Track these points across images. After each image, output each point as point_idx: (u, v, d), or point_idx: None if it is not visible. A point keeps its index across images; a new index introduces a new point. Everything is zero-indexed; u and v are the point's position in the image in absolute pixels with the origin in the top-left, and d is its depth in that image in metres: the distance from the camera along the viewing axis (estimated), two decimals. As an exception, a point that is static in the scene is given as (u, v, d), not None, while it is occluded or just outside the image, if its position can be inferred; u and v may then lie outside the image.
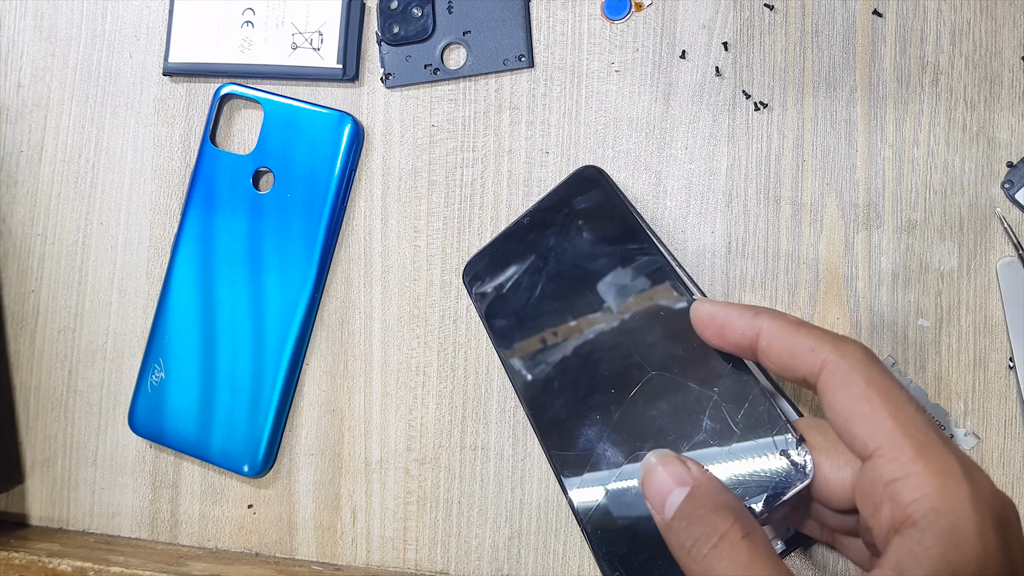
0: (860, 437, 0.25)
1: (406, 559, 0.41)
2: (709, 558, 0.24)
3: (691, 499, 0.26)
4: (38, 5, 0.48)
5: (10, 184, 0.48)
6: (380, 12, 0.42)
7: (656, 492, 0.27)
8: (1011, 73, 0.37)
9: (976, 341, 0.36)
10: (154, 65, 0.46)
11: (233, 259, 0.43)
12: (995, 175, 0.37)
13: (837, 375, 0.26)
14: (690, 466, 0.27)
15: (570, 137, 0.41)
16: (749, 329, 0.28)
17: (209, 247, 0.43)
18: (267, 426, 0.42)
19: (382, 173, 0.43)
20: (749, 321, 0.28)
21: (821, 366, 0.26)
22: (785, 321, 0.28)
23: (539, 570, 0.40)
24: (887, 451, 0.24)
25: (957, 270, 0.37)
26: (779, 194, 0.38)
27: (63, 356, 0.47)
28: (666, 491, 0.26)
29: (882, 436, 0.24)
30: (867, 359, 0.26)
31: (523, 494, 0.40)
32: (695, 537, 0.25)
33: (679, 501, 0.26)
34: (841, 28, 0.38)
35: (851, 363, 0.26)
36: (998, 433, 0.36)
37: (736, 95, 0.39)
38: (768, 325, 0.28)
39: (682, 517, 0.26)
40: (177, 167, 0.46)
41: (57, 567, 0.42)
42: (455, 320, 0.42)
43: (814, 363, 0.26)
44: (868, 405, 0.25)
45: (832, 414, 0.26)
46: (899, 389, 0.25)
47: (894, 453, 0.24)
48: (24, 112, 0.48)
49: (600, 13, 0.41)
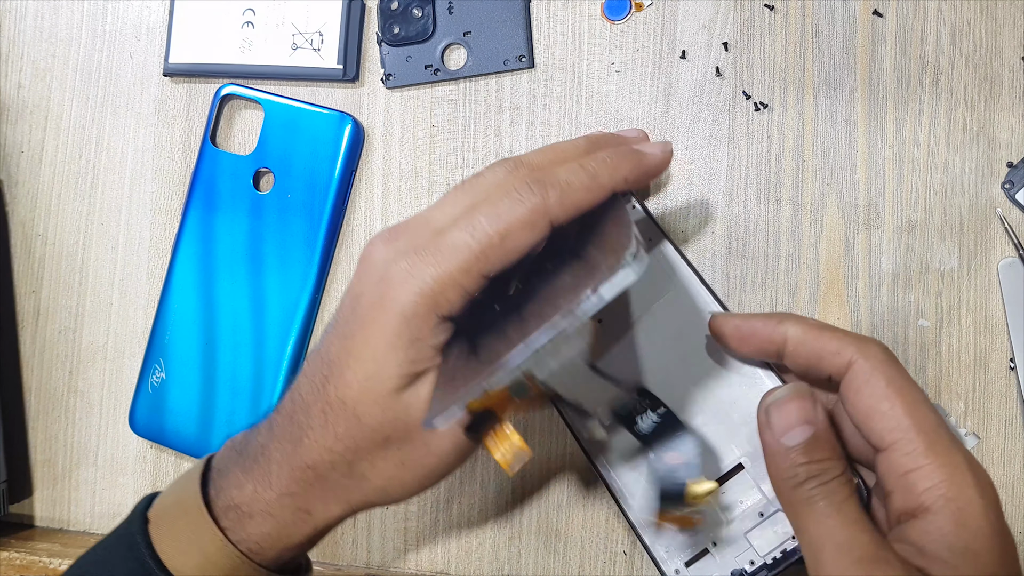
0: (878, 431, 0.28)
1: (406, 559, 0.41)
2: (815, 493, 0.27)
3: (815, 439, 0.28)
4: (38, 5, 0.48)
5: (10, 184, 0.48)
6: (380, 12, 0.42)
7: (783, 421, 0.28)
8: (1011, 73, 0.37)
9: (976, 341, 0.36)
10: (154, 65, 0.46)
11: (234, 259, 0.43)
12: (995, 175, 0.37)
13: (861, 374, 0.28)
14: (819, 410, 0.29)
15: (570, 137, 0.41)
16: (776, 335, 0.30)
17: (210, 248, 0.43)
18: (267, 426, 0.42)
19: (382, 173, 0.43)
20: (774, 328, 0.31)
21: (847, 366, 0.29)
22: (810, 325, 0.30)
23: (539, 570, 0.40)
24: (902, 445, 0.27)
25: (957, 270, 0.37)
26: (779, 194, 0.38)
27: (64, 357, 0.47)
28: (792, 423, 0.28)
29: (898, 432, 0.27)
30: (889, 360, 0.29)
31: (523, 494, 0.40)
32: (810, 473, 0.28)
33: (803, 437, 0.28)
34: (841, 28, 0.38)
35: (874, 363, 0.28)
36: (998, 433, 0.36)
37: (736, 95, 0.39)
38: (794, 331, 0.30)
39: (801, 452, 0.28)
40: (177, 167, 0.46)
41: (58, 568, 0.43)
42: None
43: (840, 364, 0.29)
44: (888, 403, 0.28)
45: (853, 410, 0.28)
46: (916, 389, 0.28)
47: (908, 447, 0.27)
48: (24, 112, 0.48)
49: (600, 13, 0.41)
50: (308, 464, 0.29)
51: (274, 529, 0.30)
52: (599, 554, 0.39)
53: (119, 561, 0.31)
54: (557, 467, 0.40)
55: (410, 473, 0.29)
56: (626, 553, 0.39)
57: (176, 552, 0.30)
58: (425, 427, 0.27)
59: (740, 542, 0.32)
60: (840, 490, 0.27)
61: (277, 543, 0.30)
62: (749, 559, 0.31)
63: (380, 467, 0.29)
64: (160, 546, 0.30)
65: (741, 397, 0.32)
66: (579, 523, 0.40)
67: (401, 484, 0.30)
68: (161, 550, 0.30)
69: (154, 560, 0.30)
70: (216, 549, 0.30)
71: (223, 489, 0.31)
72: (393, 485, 0.30)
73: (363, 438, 0.29)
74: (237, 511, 0.30)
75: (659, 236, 0.35)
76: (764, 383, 0.32)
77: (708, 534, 0.32)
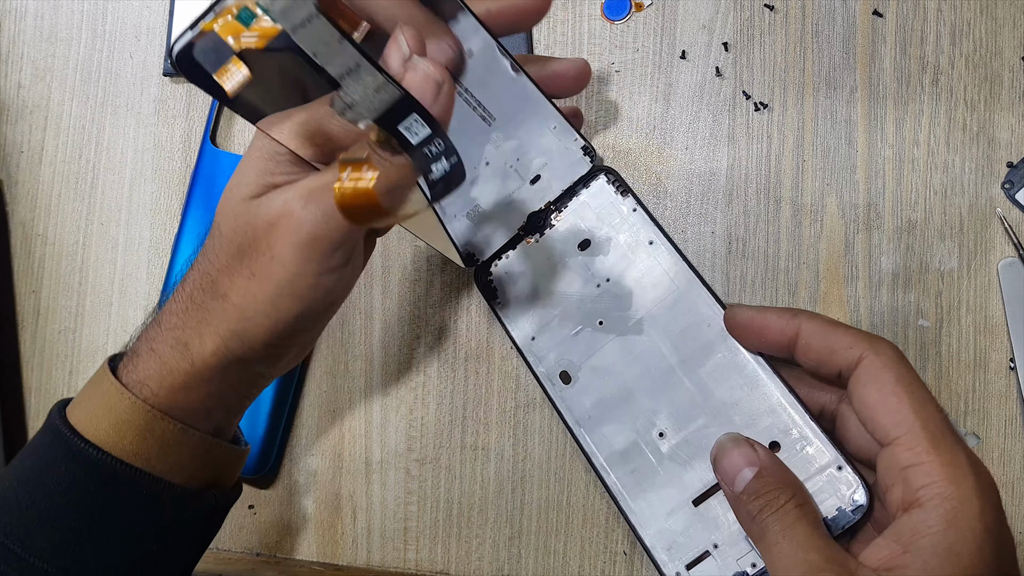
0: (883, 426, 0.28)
1: (406, 559, 0.41)
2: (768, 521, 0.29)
3: (759, 478, 0.30)
4: (38, 5, 0.48)
5: (10, 184, 0.48)
6: (380, 12, 0.42)
7: (728, 470, 0.30)
8: (1011, 73, 0.37)
9: (976, 341, 0.36)
10: (154, 65, 0.46)
11: (233, 259, 0.43)
12: (995, 175, 0.37)
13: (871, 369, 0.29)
14: (758, 449, 0.30)
15: (570, 137, 0.41)
16: (788, 329, 0.31)
17: (209, 247, 0.43)
18: (267, 427, 0.42)
19: (382, 173, 0.43)
20: (788, 322, 0.31)
21: (857, 361, 0.29)
22: (823, 321, 0.30)
23: (539, 570, 0.40)
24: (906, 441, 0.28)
25: (957, 270, 0.37)
26: (779, 194, 0.38)
27: (64, 357, 0.47)
28: (737, 470, 0.30)
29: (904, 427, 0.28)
30: (898, 358, 0.29)
31: (523, 494, 0.40)
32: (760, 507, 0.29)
33: (748, 479, 0.30)
34: (841, 28, 0.38)
35: (884, 360, 0.29)
36: (998, 433, 0.36)
37: (736, 95, 0.39)
38: (807, 325, 0.30)
39: (750, 493, 0.29)
40: (177, 167, 0.46)
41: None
42: (455, 320, 0.42)
43: (851, 359, 0.29)
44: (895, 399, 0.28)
45: (860, 404, 0.29)
46: (923, 388, 0.28)
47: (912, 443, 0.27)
48: (24, 112, 0.48)
49: (600, 13, 0.41)
50: (187, 293, 0.30)
51: (158, 365, 0.30)
52: (599, 554, 0.39)
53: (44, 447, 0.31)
54: (557, 467, 0.40)
55: (259, 285, 0.29)
56: (626, 553, 0.39)
57: (89, 421, 0.30)
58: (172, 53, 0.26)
59: (741, 544, 0.32)
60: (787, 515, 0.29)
61: (163, 382, 0.30)
62: (751, 562, 0.31)
63: (237, 282, 0.29)
64: (75, 419, 0.31)
65: (743, 399, 0.32)
66: (579, 523, 0.40)
67: (254, 300, 0.29)
68: (76, 421, 0.31)
69: (69, 429, 0.30)
70: (125, 407, 0.30)
71: (128, 356, 0.31)
72: (248, 302, 0.29)
73: (222, 251, 0.30)
74: (132, 356, 0.31)
75: (660, 236, 0.35)
76: (767, 385, 0.32)
77: (709, 536, 0.32)
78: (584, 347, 0.36)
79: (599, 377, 0.35)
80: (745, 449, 0.30)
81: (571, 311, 0.36)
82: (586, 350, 0.36)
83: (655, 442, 0.34)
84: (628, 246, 0.36)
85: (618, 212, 0.36)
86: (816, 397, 0.32)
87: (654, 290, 0.35)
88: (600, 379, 0.35)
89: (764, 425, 0.32)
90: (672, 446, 0.33)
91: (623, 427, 0.34)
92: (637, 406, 0.34)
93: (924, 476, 0.27)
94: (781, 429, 0.31)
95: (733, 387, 0.33)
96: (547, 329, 0.37)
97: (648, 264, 0.35)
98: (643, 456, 0.34)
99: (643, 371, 0.34)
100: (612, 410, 0.35)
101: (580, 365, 0.36)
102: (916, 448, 0.27)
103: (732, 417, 0.33)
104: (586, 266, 0.36)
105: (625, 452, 0.34)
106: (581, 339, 0.36)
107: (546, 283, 0.37)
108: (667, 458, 0.33)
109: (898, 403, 0.28)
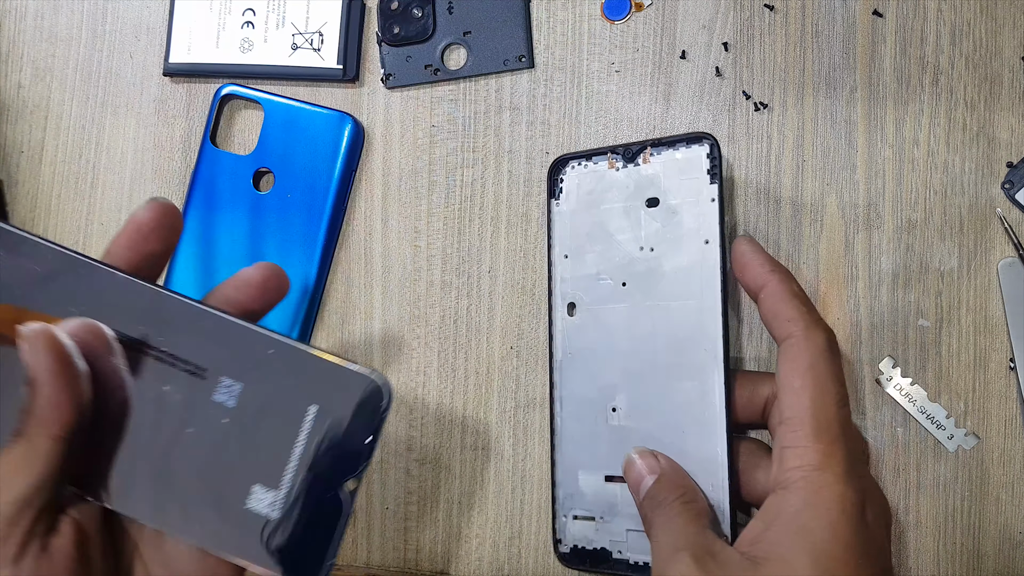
0: (782, 405, 0.31)
1: (406, 559, 0.41)
2: (654, 516, 0.32)
3: (657, 483, 0.32)
4: (38, 5, 0.48)
5: (10, 184, 0.48)
6: (380, 12, 0.42)
7: (634, 478, 0.33)
8: (1011, 73, 0.37)
9: (976, 341, 0.36)
10: (154, 65, 0.46)
11: (233, 260, 0.43)
12: (995, 175, 0.37)
13: (792, 349, 0.31)
14: (660, 459, 0.33)
15: (570, 137, 0.41)
16: (759, 279, 0.33)
17: (210, 248, 0.43)
18: (267, 426, 0.42)
19: (382, 173, 0.43)
20: (761, 272, 0.33)
21: (787, 336, 0.32)
22: (785, 288, 0.32)
23: (539, 570, 0.40)
24: (793, 423, 0.30)
25: (957, 270, 0.37)
26: (779, 194, 0.38)
27: (63, 356, 0.47)
28: (641, 478, 0.33)
29: (797, 409, 0.30)
30: (825, 348, 0.31)
31: (523, 494, 0.40)
32: (652, 506, 0.32)
33: (649, 485, 0.32)
34: (841, 28, 0.38)
35: (808, 344, 0.31)
36: (998, 433, 0.36)
37: (736, 95, 0.39)
38: (771, 285, 0.33)
39: (650, 497, 0.32)
40: (177, 167, 0.46)
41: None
42: (455, 320, 0.42)
43: (783, 332, 0.32)
44: (800, 383, 0.30)
45: (778, 377, 0.32)
46: (832, 380, 0.31)
47: (797, 426, 0.30)
48: (24, 112, 0.48)
49: (600, 13, 0.41)
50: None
51: None
52: (599, 554, 0.39)
53: None
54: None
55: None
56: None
57: None
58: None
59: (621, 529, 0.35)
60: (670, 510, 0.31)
61: None
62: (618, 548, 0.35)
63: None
64: None
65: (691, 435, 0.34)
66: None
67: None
68: None
69: None
70: None
71: None
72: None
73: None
74: None
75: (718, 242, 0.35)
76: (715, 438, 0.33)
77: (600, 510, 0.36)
78: (600, 295, 0.36)
79: (597, 329, 0.36)
80: (649, 460, 0.33)
81: (608, 256, 0.36)
82: (600, 298, 0.36)
83: (607, 412, 0.36)
84: (687, 231, 0.34)
85: (698, 192, 0.34)
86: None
87: (683, 288, 0.34)
88: (597, 331, 0.36)
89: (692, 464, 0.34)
90: (617, 425, 0.35)
91: (591, 384, 0.36)
92: (610, 374, 0.36)
93: (797, 458, 0.29)
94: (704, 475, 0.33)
95: (689, 419, 0.34)
96: (581, 256, 0.37)
97: (693, 260, 0.34)
98: (593, 416, 0.36)
99: (631, 350, 0.35)
100: (590, 362, 0.36)
101: (588, 307, 0.36)
102: (799, 432, 0.30)
103: (673, 440, 0.34)
104: (643, 224, 0.36)
105: (581, 402, 0.36)
106: (602, 287, 0.36)
107: (604, 215, 0.36)
108: (609, 431, 0.35)
109: (800, 386, 0.30)
